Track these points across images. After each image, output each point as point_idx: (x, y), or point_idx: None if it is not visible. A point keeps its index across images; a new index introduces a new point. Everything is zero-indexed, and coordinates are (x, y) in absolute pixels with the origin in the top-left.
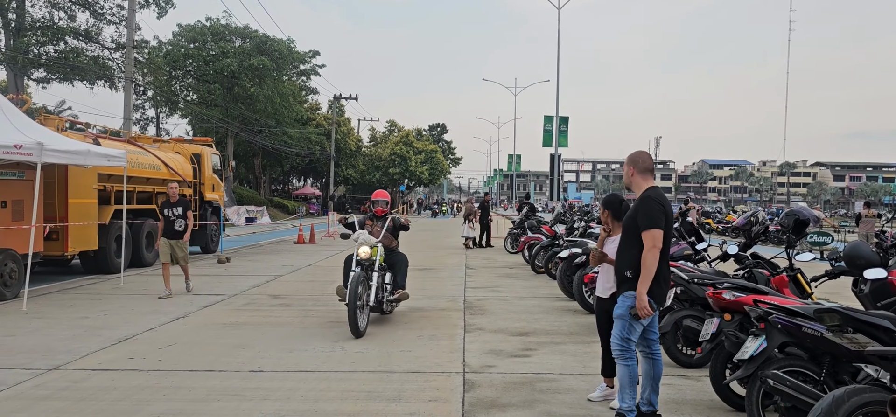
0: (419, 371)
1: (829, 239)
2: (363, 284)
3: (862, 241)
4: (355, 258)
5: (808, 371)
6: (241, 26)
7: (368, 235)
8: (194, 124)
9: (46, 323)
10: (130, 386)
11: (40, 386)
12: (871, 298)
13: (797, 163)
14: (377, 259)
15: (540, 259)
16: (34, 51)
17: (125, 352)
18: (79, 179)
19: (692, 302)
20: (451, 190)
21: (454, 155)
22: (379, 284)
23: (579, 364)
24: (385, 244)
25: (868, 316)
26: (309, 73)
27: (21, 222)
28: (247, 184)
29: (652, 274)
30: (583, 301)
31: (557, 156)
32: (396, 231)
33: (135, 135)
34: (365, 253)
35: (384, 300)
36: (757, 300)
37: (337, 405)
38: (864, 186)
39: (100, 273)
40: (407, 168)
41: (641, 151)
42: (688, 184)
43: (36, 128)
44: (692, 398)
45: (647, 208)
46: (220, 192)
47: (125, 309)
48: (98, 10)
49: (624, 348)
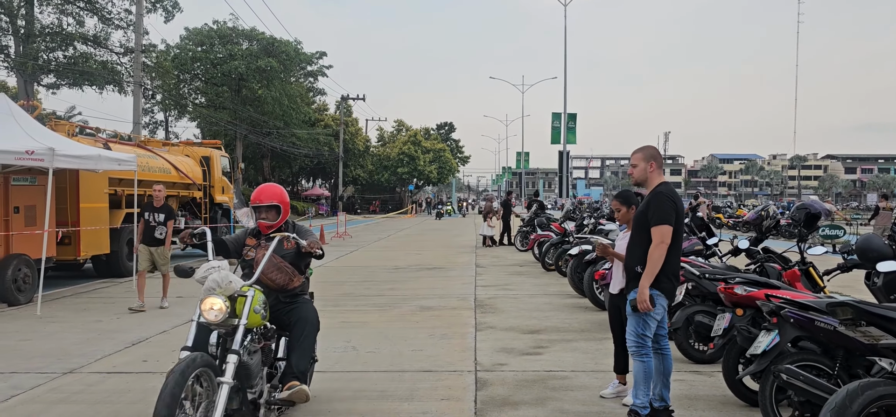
0: (431, 369)
1: (842, 232)
2: (204, 378)
3: (874, 234)
4: (197, 321)
5: (821, 366)
6: (248, 29)
7: (226, 271)
8: (203, 127)
9: (61, 326)
10: (145, 388)
11: (56, 390)
12: (884, 291)
13: (808, 156)
14: (244, 320)
15: (550, 256)
16: (43, 57)
17: (139, 355)
18: (90, 184)
19: (704, 297)
20: (460, 188)
21: (462, 153)
22: (253, 370)
23: (591, 361)
24: (272, 281)
25: (881, 308)
26: (316, 74)
27: (34, 227)
28: (256, 185)
29: (657, 270)
30: (594, 297)
31: (566, 153)
32: (300, 259)
33: (144, 139)
34: (216, 313)
35: (263, 398)
36: (769, 294)
37: (349, 404)
38: (875, 178)
39: (112, 276)
40: (415, 167)
41: (653, 146)
42: (697, 178)
43: (47, 133)
44: (705, 393)
45: (658, 203)
46: (229, 195)
47: (137, 313)
48: (106, 15)
49: (639, 344)
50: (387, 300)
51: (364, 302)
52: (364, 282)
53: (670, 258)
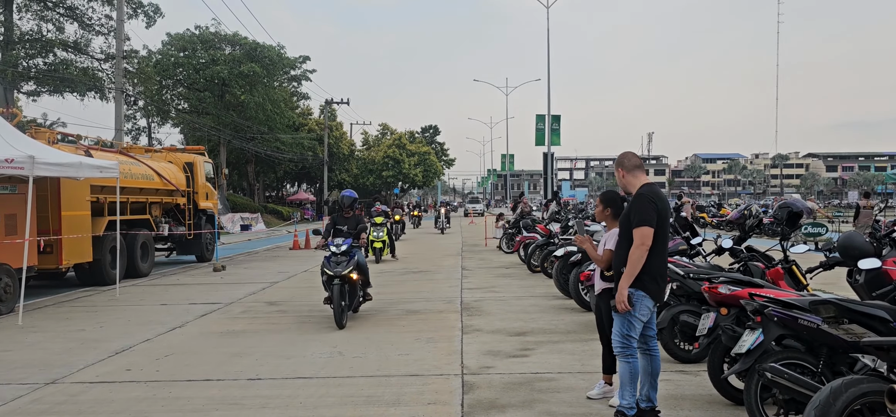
0: (418, 374)
1: (824, 229)
2: None
3: (856, 231)
4: None
5: (805, 363)
6: (231, 34)
7: None
8: (186, 133)
9: (43, 336)
10: (129, 398)
11: (38, 401)
12: (866, 288)
13: (790, 155)
14: None
15: (536, 258)
16: (23, 64)
17: (122, 364)
18: (72, 192)
19: (688, 296)
20: (446, 191)
21: (447, 156)
22: None
23: (578, 362)
24: None
25: (863, 306)
26: (300, 79)
27: (14, 236)
28: (241, 191)
29: (636, 271)
30: (579, 299)
31: (550, 155)
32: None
33: (127, 146)
34: None
35: None
36: (753, 293)
37: (336, 410)
38: (856, 176)
39: (95, 285)
40: (400, 170)
41: (625, 152)
42: (681, 178)
43: (27, 141)
44: (691, 393)
45: (639, 205)
46: (213, 200)
47: (121, 321)
48: (87, 21)
49: (624, 344)
50: (373, 304)
51: None
52: None
53: (655, 259)
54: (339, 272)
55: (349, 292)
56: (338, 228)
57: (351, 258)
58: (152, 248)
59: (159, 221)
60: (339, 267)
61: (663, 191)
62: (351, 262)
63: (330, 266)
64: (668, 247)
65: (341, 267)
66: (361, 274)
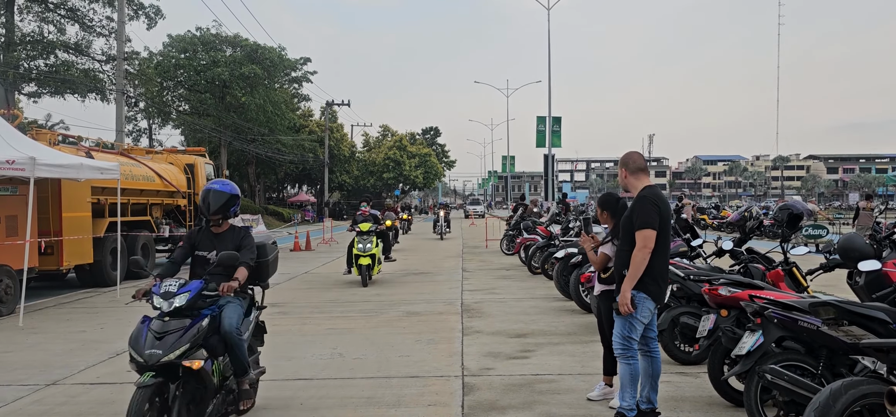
0: (418, 375)
1: (824, 231)
2: None
3: (856, 233)
4: None
5: (805, 365)
6: (232, 35)
7: None
8: (187, 134)
9: (43, 337)
10: (129, 400)
11: (39, 402)
12: (866, 290)
13: (790, 157)
14: None
15: (536, 259)
16: (24, 65)
17: (123, 365)
18: (72, 193)
19: (689, 298)
20: (447, 193)
21: (448, 158)
22: None
23: (578, 364)
24: None
25: (863, 308)
26: (300, 80)
27: (15, 237)
28: (241, 192)
29: (639, 273)
30: (580, 300)
31: (551, 157)
32: None
33: (128, 147)
34: None
35: None
36: (753, 295)
37: (336, 412)
38: (857, 178)
39: (96, 286)
40: (401, 172)
41: (631, 152)
42: (682, 180)
43: (28, 142)
44: (691, 395)
45: (642, 208)
46: None
47: (122, 322)
48: (88, 23)
49: (625, 346)
50: (373, 305)
51: (350, 308)
52: (350, 288)
53: (656, 261)
54: (152, 359)
55: (186, 406)
56: (198, 255)
57: (196, 323)
58: (153, 250)
59: (160, 222)
60: (155, 348)
61: (664, 193)
62: (189, 334)
63: (141, 346)
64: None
65: (165, 346)
66: (231, 351)
